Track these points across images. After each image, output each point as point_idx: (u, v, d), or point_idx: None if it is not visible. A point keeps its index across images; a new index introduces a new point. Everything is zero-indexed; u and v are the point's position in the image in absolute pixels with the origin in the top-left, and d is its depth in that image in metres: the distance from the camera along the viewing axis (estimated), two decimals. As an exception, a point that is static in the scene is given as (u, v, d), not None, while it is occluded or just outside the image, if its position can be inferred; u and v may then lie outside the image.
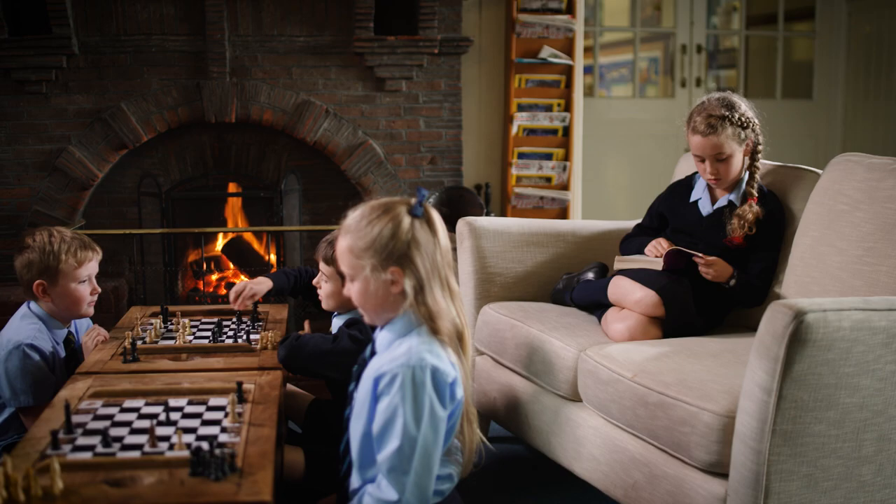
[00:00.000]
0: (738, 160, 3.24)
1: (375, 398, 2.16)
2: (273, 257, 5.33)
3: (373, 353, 2.30)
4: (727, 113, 3.18)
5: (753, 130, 3.23)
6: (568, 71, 5.34)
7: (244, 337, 3.10)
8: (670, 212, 3.46)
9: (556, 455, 3.10)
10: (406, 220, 2.17)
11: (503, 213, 5.39)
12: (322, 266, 2.97)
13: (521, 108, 5.32)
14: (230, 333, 3.16)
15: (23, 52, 4.75)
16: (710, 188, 3.35)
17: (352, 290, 2.26)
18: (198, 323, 3.32)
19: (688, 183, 3.47)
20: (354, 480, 2.28)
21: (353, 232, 2.21)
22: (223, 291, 5.24)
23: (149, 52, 4.92)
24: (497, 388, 3.42)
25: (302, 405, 3.19)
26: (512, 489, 3.32)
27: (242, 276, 5.32)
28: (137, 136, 4.92)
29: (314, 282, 3.08)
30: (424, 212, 2.21)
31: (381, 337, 2.27)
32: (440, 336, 2.18)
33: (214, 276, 5.33)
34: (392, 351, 2.19)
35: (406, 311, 2.20)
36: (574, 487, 3.27)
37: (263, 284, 3.24)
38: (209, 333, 3.16)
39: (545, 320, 3.29)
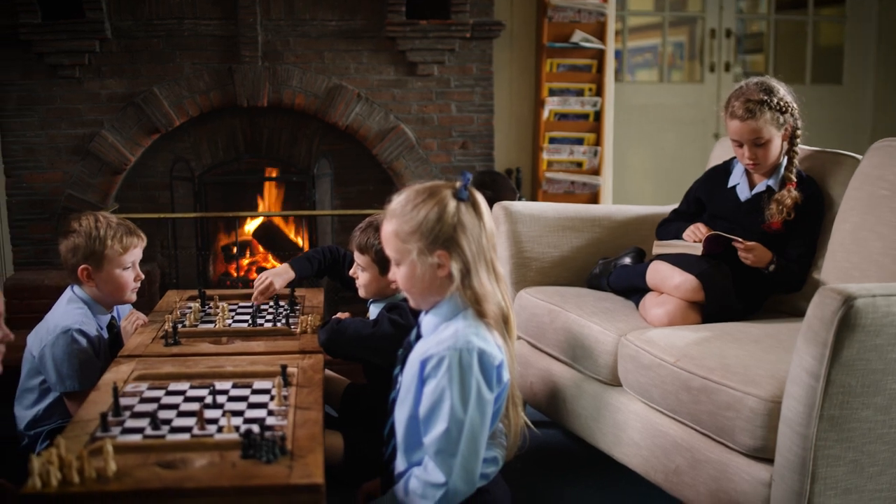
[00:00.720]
0: (777, 145, 3.22)
1: (422, 381, 2.17)
2: (303, 241, 5.34)
3: (418, 337, 2.30)
4: (766, 97, 3.16)
5: (792, 115, 3.21)
6: (599, 55, 5.32)
7: (283, 321, 3.11)
8: (708, 197, 3.44)
9: (596, 440, 3.10)
10: (452, 204, 2.16)
11: (534, 198, 5.38)
12: (357, 256, 2.96)
13: (552, 92, 5.30)
14: (268, 317, 3.17)
15: (56, 37, 4.76)
16: (748, 173, 3.33)
17: (397, 274, 2.26)
18: (235, 307, 3.33)
19: (725, 168, 3.45)
20: (400, 463, 2.29)
21: (398, 216, 2.21)
22: (254, 276, 5.24)
23: (181, 37, 4.92)
24: (535, 372, 3.42)
25: (338, 389, 3.20)
26: (552, 473, 3.31)
27: (273, 260, 5.33)
28: (170, 120, 4.93)
29: (350, 272, 3.08)
30: (469, 195, 2.21)
31: (427, 321, 2.27)
32: (486, 319, 2.18)
33: (245, 261, 5.34)
34: (438, 334, 2.19)
35: (452, 294, 2.20)
36: (613, 472, 3.27)
37: (284, 276, 3.25)
38: (247, 317, 3.17)
39: (583, 305, 3.29)
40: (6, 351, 2.27)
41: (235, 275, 5.27)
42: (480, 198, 2.24)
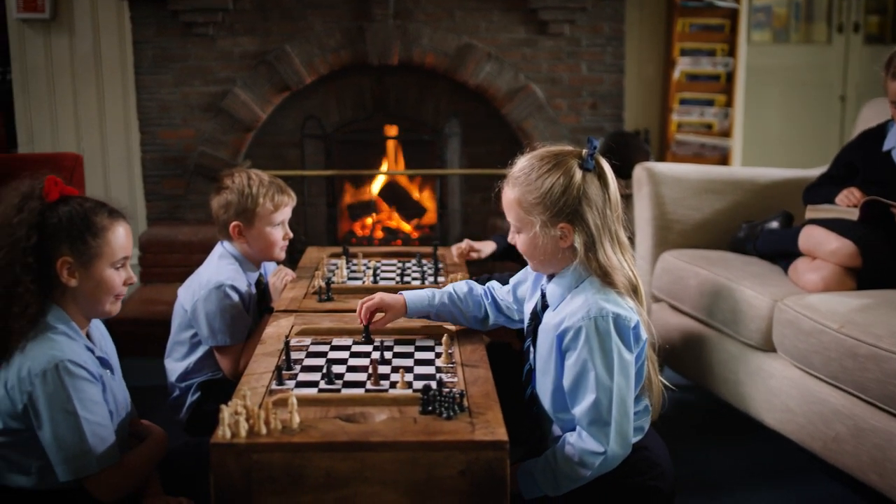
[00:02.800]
0: (938, 107, 3.12)
1: (561, 353, 2.15)
2: (428, 201, 5.36)
3: (544, 307, 2.27)
4: (928, 59, 3.06)
5: (957, 77, 3.10)
6: (732, 15, 5.20)
7: (432, 279, 3.11)
8: (862, 161, 3.35)
9: (745, 405, 3.06)
10: (578, 175, 2.11)
11: (661, 160, 5.30)
12: None
13: (683, 52, 5.21)
14: (415, 275, 3.18)
15: (191, -5, 4.82)
16: (904, 136, 3.24)
17: (518, 240, 2.23)
18: (378, 264, 3.34)
19: (880, 131, 3.34)
20: (555, 429, 2.28)
21: (522, 185, 2.17)
22: (379, 234, 5.28)
23: (313, -6, 4.95)
24: (677, 335, 3.39)
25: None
26: (696, 436, 3.28)
27: (398, 219, 5.35)
28: (301, 78, 4.96)
29: (509, 239, 3.07)
30: (596, 164, 2.16)
31: (552, 290, 2.23)
32: (615, 287, 2.14)
33: (370, 219, 5.37)
34: (567, 304, 2.15)
35: (577, 263, 2.16)
36: (758, 436, 3.23)
37: (487, 247, 3.37)
38: (392, 274, 3.18)
39: (731, 268, 3.24)
40: (147, 304, 2.29)
41: (361, 233, 5.30)
42: (607, 167, 2.18)
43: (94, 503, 2.11)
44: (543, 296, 2.29)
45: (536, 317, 2.31)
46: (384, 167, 5.35)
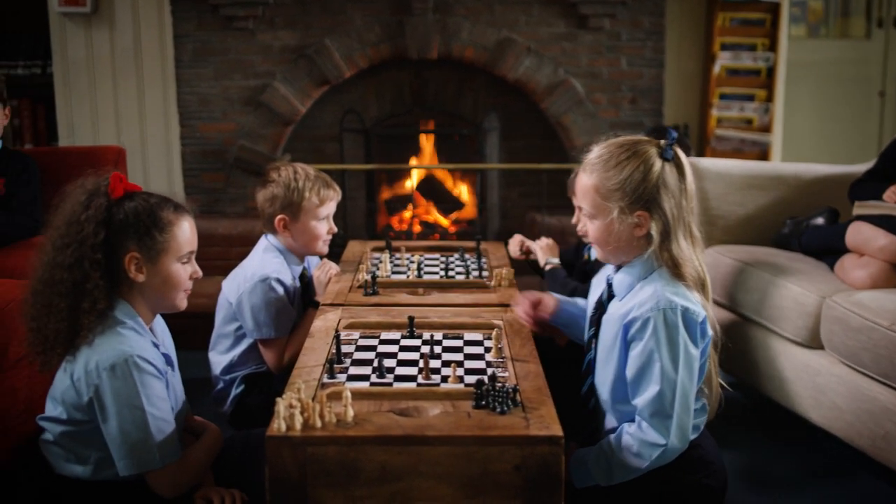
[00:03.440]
0: None
1: (626, 344, 2.14)
2: (466, 195, 5.36)
3: (610, 297, 2.27)
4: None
5: None
6: (773, 9, 5.17)
7: (477, 273, 3.11)
8: (910, 156, 3.32)
9: (791, 402, 3.04)
10: (657, 164, 2.12)
11: (701, 156, 5.27)
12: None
13: (724, 47, 5.18)
14: (459, 270, 3.17)
15: (231, -11, 4.83)
16: (955, 132, 3.20)
17: (590, 227, 2.23)
18: (422, 258, 3.34)
19: (928, 126, 3.31)
20: (610, 420, 2.27)
21: (600, 171, 2.17)
22: (417, 228, 5.28)
23: (352, -12, 4.96)
24: (720, 330, 3.36)
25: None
26: (741, 434, 3.26)
27: (436, 213, 5.35)
28: (340, 72, 4.97)
29: (573, 221, 3.07)
30: (674, 155, 2.16)
31: (619, 280, 2.23)
32: (684, 279, 2.14)
33: (408, 213, 5.37)
34: (635, 295, 2.16)
35: (649, 254, 2.16)
36: (804, 434, 3.20)
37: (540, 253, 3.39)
38: (436, 268, 3.18)
39: (776, 265, 3.21)
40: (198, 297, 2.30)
41: (398, 227, 5.30)
42: (684, 158, 2.19)
43: (151, 496, 2.13)
44: (609, 286, 2.28)
45: (602, 307, 2.31)
46: (422, 162, 5.35)
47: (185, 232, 2.21)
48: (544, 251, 3.34)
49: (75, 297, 2.09)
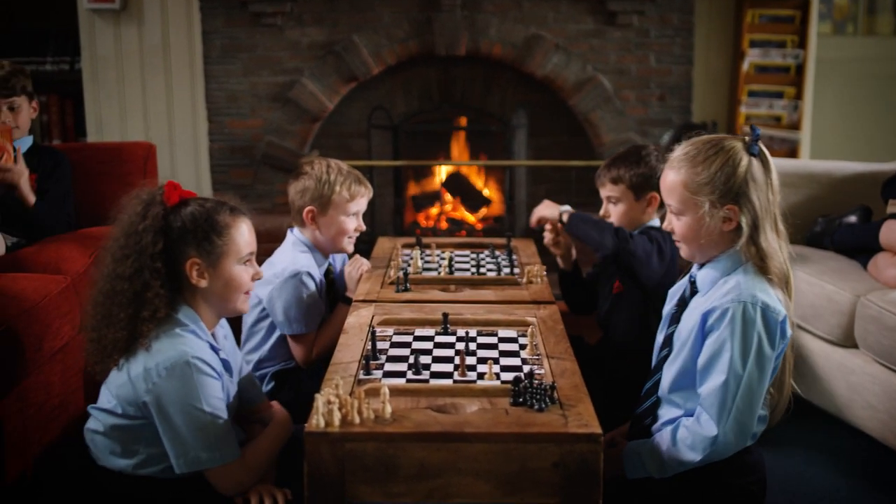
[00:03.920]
0: None
1: (703, 334, 2.14)
2: (488, 191, 5.35)
3: (693, 293, 2.27)
4: None
5: None
6: (803, 6, 5.13)
7: (508, 270, 3.10)
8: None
9: (823, 401, 3.02)
10: (745, 158, 2.13)
11: (729, 153, 5.24)
12: (609, 189, 3.00)
13: (752, 44, 5.15)
14: (490, 266, 3.17)
15: (260, -15, 4.84)
16: None
17: (677, 224, 2.23)
18: (452, 254, 3.33)
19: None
20: (666, 412, 2.26)
21: (688, 166, 2.17)
22: (444, 225, 5.28)
23: (380, -16, 4.95)
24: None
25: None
26: (775, 432, 3.24)
27: (463, 210, 5.35)
28: (368, 68, 4.97)
29: (602, 213, 3.06)
30: (759, 150, 2.17)
31: (703, 275, 2.23)
32: (769, 275, 2.13)
33: (435, 210, 5.37)
34: (719, 288, 2.15)
35: (735, 249, 2.15)
36: (837, 433, 3.18)
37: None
38: (467, 265, 3.18)
39: (809, 263, 3.20)
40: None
41: (425, 223, 5.30)
42: (768, 153, 2.20)
43: (189, 494, 2.14)
44: (693, 283, 2.29)
45: (684, 303, 2.31)
46: (449, 158, 5.35)
47: (244, 234, 2.23)
48: (548, 208, 3.26)
49: (136, 306, 2.12)
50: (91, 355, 2.19)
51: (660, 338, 2.37)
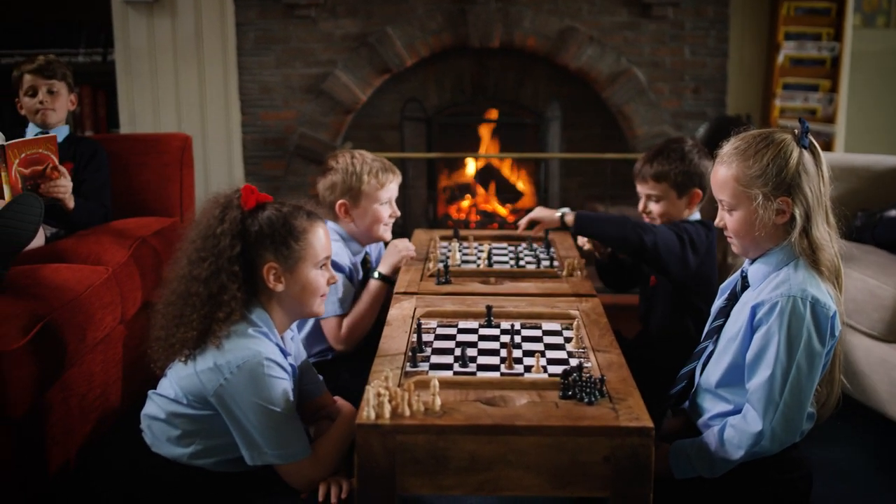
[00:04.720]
0: None
1: (752, 328, 2.12)
2: (521, 184, 5.34)
3: (744, 287, 2.25)
4: None
5: None
6: (839, -2, 5.10)
7: (547, 263, 3.09)
8: None
9: (866, 396, 3.00)
10: (796, 150, 2.11)
11: (764, 146, 5.21)
12: (651, 187, 2.98)
13: (788, 36, 5.11)
14: (529, 259, 3.16)
15: (294, -23, 4.84)
16: None
17: (729, 220, 2.21)
18: (490, 247, 3.33)
19: None
20: (709, 407, 2.25)
21: (739, 160, 2.15)
22: (475, 217, 5.27)
23: (415, -24, 4.95)
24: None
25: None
26: (817, 427, 3.22)
27: (495, 203, 5.34)
28: (402, 60, 4.96)
29: (640, 209, 3.05)
30: (810, 142, 2.15)
31: (755, 270, 2.21)
32: (820, 268, 2.12)
33: (466, 202, 5.36)
34: (769, 282, 2.14)
35: (788, 242, 2.14)
36: (881, 428, 3.16)
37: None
38: (506, 258, 3.17)
39: (851, 257, 3.17)
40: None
41: (456, 216, 5.30)
42: (818, 146, 2.18)
43: (241, 488, 2.17)
44: (744, 277, 2.27)
45: (734, 298, 2.30)
46: (482, 151, 5.34)
47: (320, 238, 2.24)
48: (543, 211, 3.17)
49: (210, 308, 2.13)
50: (156, 352, 2.21)
51: (707, 329, 2.36)
